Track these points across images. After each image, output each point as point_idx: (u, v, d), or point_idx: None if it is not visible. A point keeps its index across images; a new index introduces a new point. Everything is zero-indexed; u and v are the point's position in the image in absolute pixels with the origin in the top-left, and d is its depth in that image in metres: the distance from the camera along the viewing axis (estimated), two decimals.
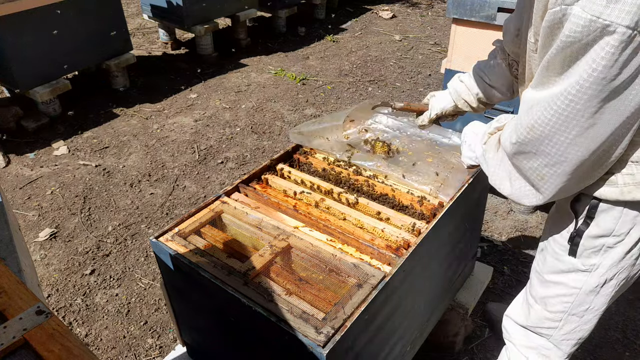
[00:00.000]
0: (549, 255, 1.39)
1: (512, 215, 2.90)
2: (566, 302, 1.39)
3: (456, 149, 1.86)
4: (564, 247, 1.32)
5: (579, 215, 1.25)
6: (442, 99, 1.73)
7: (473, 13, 2.42)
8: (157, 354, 2.14)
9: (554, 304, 1.43)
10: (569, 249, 1.31)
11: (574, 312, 1.40)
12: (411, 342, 1.73)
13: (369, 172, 1.77)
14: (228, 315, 1.39)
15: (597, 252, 1.26)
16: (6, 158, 3.42)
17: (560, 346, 1.50)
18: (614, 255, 1.24)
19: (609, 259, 1.25)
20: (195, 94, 4.35)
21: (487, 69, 1.61)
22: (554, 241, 1.37)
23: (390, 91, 4.40)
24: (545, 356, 1.55)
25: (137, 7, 6.35)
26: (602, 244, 1.24)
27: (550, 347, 1.52)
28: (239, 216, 1.59)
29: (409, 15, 6.38)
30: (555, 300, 1.42)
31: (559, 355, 1.53)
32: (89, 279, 2.50)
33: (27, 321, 0.79)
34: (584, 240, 1.26)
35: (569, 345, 1.49)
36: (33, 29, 3.53)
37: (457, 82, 1.70)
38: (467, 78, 1.67)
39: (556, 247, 1.36)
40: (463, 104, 1.69)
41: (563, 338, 1.48)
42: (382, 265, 1.38)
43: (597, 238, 1.24)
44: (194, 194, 3.12)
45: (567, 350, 1.51)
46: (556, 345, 1.51)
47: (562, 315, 1.43)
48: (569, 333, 1.46)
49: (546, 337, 1.52)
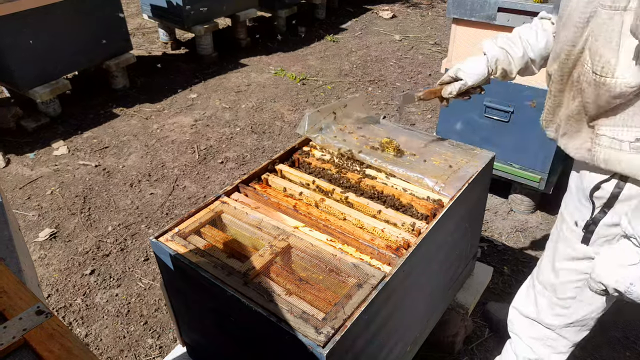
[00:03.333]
0: (562, 242, 1.42)
1: (512, 215, 2.90)
2: (577, 287, 1.42)
3: (460, 153, 1.86)
4: (578, 234, 1.35)
5: (597, 204, 1.28)
6: (476, 67, 1.56)
7: (473, 13, 2.42)
8: (157, 354, 2.14)
9: (564, 291, 1.45)
10: (583, 237, 1.34)
11: (582, 299, 1.43)
12: (411, 342, 1.73)
13: (371, 170, 1.77)
14: (228, 315, 1.39)
15: (611, 240, 1.30)
16: (6, 158, 3.42)
17: (566, 335, 1.51)
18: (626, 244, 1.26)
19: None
20: (195, 94, 4.35)
21: (532, 40, 1.48)
22: (567, 229, 1.40)
23: (390, 91, 4.40)
24: (550, 347, 1.56)
25: (137, 7, 6.35)
26: (617, 232, 1.27)
27: (555, 337, 1.54)
28: (239, 216, 1.59)
29: (409, 15, 6.38)
30: (565, 287, 1.44)
31: (563, 345, 1.54)
32: (89, 279, 2.50)
33: (27, 321, 0.79)
34: (599, 228, 1.30)
35: (575, 333, 1.51)
36: (33, 29, 3.53)
37: (495, 48, 1.53)
38: (508, 44, 1.51)
39: (569, 234, 1.39)
40: (500, 74, 1.55)
41: (570, 325, 1.49)
42: (382, 265, 1.38)
43: (613, 227, 1.27)
44: (194, 194, 3.12)
45: (572, 338, 1.52)
46: (562, 334, 1.52)
47: (571, 302, 1.45)
48: (577, 320, 1.48)
49: (552, 328, 1.53)
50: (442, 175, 1.70)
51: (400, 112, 1.87)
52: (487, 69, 1.54)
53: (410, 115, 4.00)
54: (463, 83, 1.58)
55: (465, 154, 1.83)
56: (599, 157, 1.22)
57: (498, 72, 1.54)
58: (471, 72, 1.56)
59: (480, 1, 2.37)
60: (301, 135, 1.93)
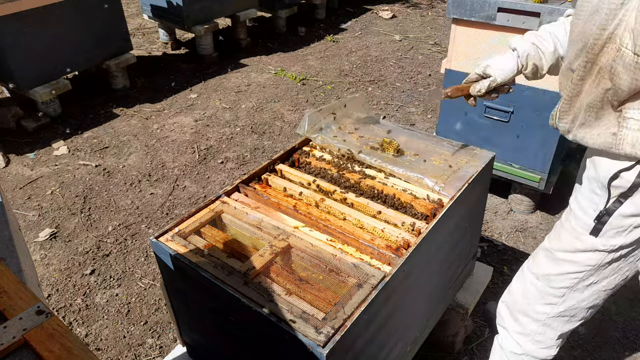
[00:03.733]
0: (566, 232, 1.40)
1: (512, 215, 2.90)
2: (574, 278, 1.40)
3: (460, 153, 1.86)
4: (587, 225, 1.32)
5: (614, 193, 1.25)
6: (505, 63, 1.50)
7: (473, 13, 2.42)
8: (157, 354, 2.14)
9: (560, 281, 1.43)
10: (593, 228, 1.31)
11: (577, 288, 1.42)
12: (411, 342, 1.73)
13: (371, 170, 1.77)
14: (228, 315, 1.39)
15: (622, 232, 1.27)
16: (6, 158, 3.42)
17: (555, 324, 1.50)
18: (635, 234, 1.26)
19: (629, 238, 1.27)
20: (195, 94, 4.35)
21: (561, 36, 1.43)
22: (575, 219, 1.37)
23: (390, 91, 4.40)
24: (538, 342, 1.55)
25: (137, 7, 6.35)
26: (630, 224, 1.25)
27: (542, 331, 1.53)
28: (239, 216, 1.59)
29: (409, 15, 6.38)
30: (562, 277, 1.43)
31: (551, 338, 1.53)
32: (89, 279, 2.50)
33: (27, 321, 0.79)
34: (613, 219, 1.26)
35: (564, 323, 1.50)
36: (33, 29, 3.53)
37: (526, 43, 1.47)
38: (538, 40, 1.46)
39: (577, 225, 1.36)
40: (530, 70, 1.49)
41: (559, 315, 1.49)
42: (382, 265, 1.38)
43: (628, 217, 1.24)
44: (194, 194, 3.12)
45: (560, 329, 1.51)
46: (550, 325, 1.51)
47: (565, 291, 1.44)
48: (566, 310, 1.47)
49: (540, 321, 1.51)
50: (442, 175, 1.70)
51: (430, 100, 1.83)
52: (517, 65, 1.48)
53: (410, 115, 4.00)
54: (492, 80, 1.52)
55: (465, 154, 1.83)
56: (626, 140, 1.18)
57: (529, 68, 1.48)
58: (500, 69, 1.50)
59: (480, 1, 2.37)
60: (301, 135, 1.93)
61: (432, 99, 1.76)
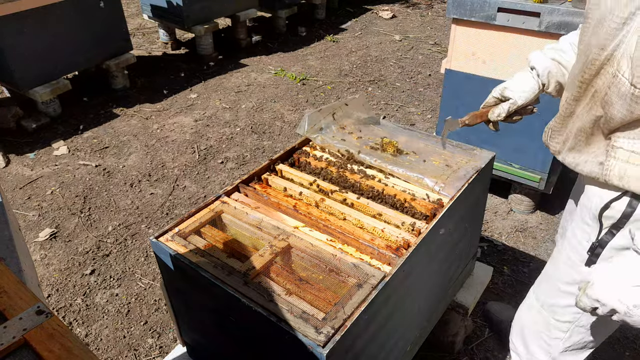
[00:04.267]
0: (563, 263, 1.34)
1: (512, 215, 2.90)
2: (576, 312, 1.34)
3: (460, 153, 1.86)
4: (582, 256, 1.26)
5: (606, 224, 1.18)
6: (525, 84, 1.39)
7: (473, 13, 2.42)
8: (157, 354, 2.14)
9: (563, 314, 1.38)
10: (587, 259, 1.24)
11: (582, 324, 1.36)
12: (411, 342, 1.73)
13: (371, 170, 1.77)
14: (228, 315, 1.39)
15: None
16: (6, 158, 3.42)
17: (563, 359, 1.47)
18: None
19: None
20: (195, 94, 4.35)
21: None
22: (571, 249, 1.30)
23: (390, 91, 4.40)
24: None
25: (137, 7, 6.35)
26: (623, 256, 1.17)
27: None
28: (239, 216, 1.59)
29: (409, 15, 6.38)
30: (564, 310, 1.37)
31: None
32: (89, 279, 2.50)
33: (27, 321, 0.79)
34: (606, 251, 1.19)
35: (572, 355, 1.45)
36: (33, 29, 3.53)
37: (546, 60, 1.36)
38: (559, 54, 1.35)
39: (573, 255, 1.29)
40: (554, 88, 1.38)
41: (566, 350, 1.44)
42: (382, 265, 1.38)
43: (621, 250, 1.17)
44: (194, 194, 3.12)
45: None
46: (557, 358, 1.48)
47: (569, 326, 1.38)
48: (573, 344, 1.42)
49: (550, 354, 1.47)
50: (442, 175, 1.70)
51: (443, 138, 1.74)
52: (537, 84, 1.38)
53: (410, 115, 4.00)
54: (512, 102, 1.42)
55: (465, 154, 1.83)
56: (613, 171, 1.11)
57: (551, 86, 1.37)
58: (520, 90, 1.40)
59: (480, 1, 2.37)
60: (301, 135, 1.93)
61: (448, 130, 1.70)
